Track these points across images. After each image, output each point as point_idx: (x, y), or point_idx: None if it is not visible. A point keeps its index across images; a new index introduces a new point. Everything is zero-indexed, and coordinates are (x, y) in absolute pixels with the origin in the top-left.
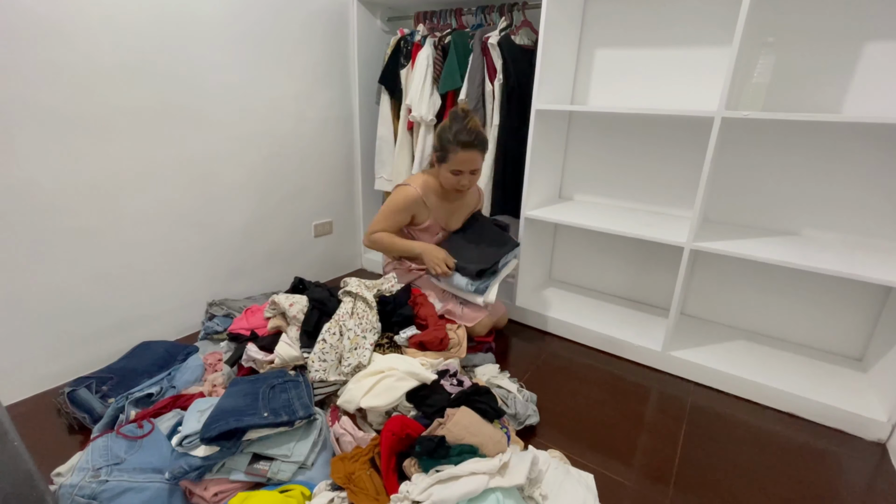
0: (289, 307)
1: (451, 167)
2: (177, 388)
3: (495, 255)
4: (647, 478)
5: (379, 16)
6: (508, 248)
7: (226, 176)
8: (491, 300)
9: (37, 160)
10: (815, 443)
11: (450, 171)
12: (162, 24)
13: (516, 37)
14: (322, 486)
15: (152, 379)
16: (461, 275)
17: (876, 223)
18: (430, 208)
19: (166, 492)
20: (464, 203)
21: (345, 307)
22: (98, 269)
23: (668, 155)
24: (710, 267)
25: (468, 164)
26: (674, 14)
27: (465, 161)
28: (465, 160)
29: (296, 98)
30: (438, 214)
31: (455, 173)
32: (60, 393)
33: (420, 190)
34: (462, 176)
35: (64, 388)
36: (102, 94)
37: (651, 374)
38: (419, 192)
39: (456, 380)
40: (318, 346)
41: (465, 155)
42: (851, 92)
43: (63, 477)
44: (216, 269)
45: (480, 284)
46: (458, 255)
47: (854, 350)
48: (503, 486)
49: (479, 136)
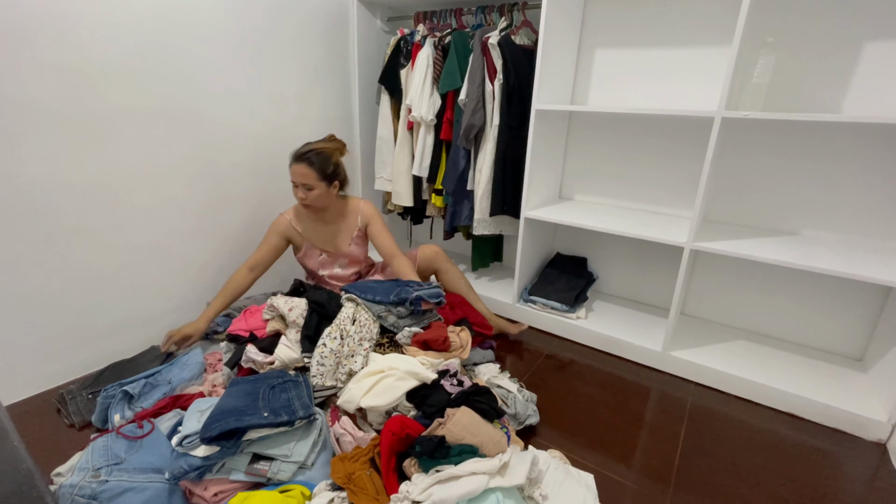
0: (288, 311)
1: (291, 180)
2: (172, 383)
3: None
4: (647, 478)
5: (379, 16)
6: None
7: (226, 175)
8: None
9: (37, 160)
10: (815, 443)
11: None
12: (162, 25)
13: (516, 37)
14: (322, 486)
15: (147, 371)
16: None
17: (876, 223)
18: (303, 232)
19: (166, 492)
20: (346, 223)
21: (346, 312)
22: (98, 269)
23: (668, 155)
24: (710, 267)
25: (297, 176)
26: (674, 14)
27: (294, 173)
28: (294, 172)
29: (296, 98)
30: (313, 237)
31: (294, 185)
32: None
33: (289, 215)
34: (297, 189)
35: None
36: (103, 94)
37: (651, 375)
38: (287, 218)
39: (456, 380)
40: (317, 350)
41: (294, 167)
42: (851, 92)
43: (63, 477)
44: (216, 269)
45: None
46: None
47: (854, 350)
48: (503, 486)
49: (313, 152)
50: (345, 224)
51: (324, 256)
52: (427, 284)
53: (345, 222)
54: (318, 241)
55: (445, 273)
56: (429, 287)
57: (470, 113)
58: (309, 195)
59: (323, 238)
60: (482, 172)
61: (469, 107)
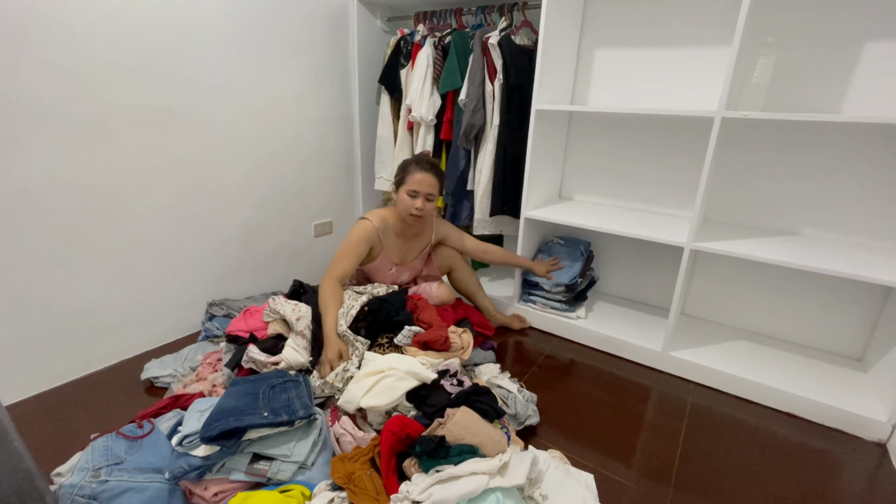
0: (296, 321)
1: (408, 188)
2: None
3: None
4: (647, 478)
5: (379, 16)
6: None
7: (226, 176)
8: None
9: (37, 160)
10: (814, 443)
11: (406, 193)
12: (162, 25)
13: (516, 37)
14: (322, 486)
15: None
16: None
17: (876, 223)
18: (384, 244)
19: (166, 492)
20: (420, 239)
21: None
22: (98, 269)
23: (668, 155)
24: (711, 267)
25: (424, 185)
26: (674, 14)
27: (421, 182)
28: (421, 181)
29: (296, 98)
30: (391, 251)
31: (412, 195)
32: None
33: (377, 223)
34: (418, 198)
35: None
36: (103, 94)
37: (651, 374)
38: (375, 227)
39: (456, 380)
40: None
41: (421, 175)
42: (851, 92)
43: (63, 477)
44: (216, 269)
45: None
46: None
47: (854, 350)
48: (503, 487)
49: (437, 165)
50: (418, 240)
51: (393, 270)
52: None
53: (420, 238)
54: (394, 253)
55: (459, 271)
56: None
57: (470, 113)
58: (427, 206)
59: (399, 251)
60: (482, 172)
61: (469, 107)
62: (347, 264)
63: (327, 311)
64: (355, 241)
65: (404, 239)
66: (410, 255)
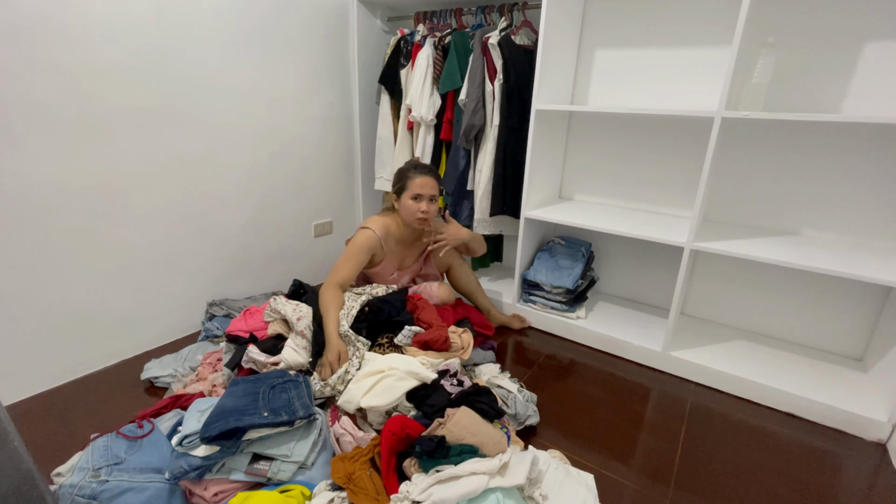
0: (297, 321)
1: (411, 193)
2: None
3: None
4: (647, 478)
5: (379, 16)
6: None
7: (226, 176)
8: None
9: (37, 160)
10: (815, 443)
11: (410, 199)
12: (162, 25)
13: (516, 37)
14: (322, 486)
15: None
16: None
17: (876, 223)
18: (386, 251)
19: (166, 492)
20: (419, 244)
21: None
22: (98, 269)
23: (668, 155)
24: (711, 267)
25: (426, 187)
26: (674, 14)
27: (422, 185)
28: (423, 184)
29: (296, 98)
30: (392, 257)
31: (415, 199)
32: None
33: (379, 232)
34: (422, 201)
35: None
36: (103, 95)
37: (651, 375)
38: (377, 235)
39: (456, 380)
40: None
41: (421, 179)
42: (851, 92)
43: (63, 477)
44: (216, 269)
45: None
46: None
47: (854, 350)
48: (503, 487)
49: (432, 166)
50: (418, 244)
51: (395, 275)
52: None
53: (420, 242)
54: (396, 259)
55: (458, 268)
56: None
57: (470, 113)
58: (431, 208)
59: (400, 256)
60: (482, 172)
61: (469, 107)
62: (348, 272)
63: (329, 314)
64: (357, 250)
65: (405, 245)
66: (410, 259)
